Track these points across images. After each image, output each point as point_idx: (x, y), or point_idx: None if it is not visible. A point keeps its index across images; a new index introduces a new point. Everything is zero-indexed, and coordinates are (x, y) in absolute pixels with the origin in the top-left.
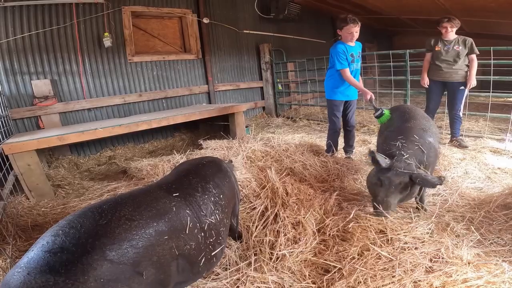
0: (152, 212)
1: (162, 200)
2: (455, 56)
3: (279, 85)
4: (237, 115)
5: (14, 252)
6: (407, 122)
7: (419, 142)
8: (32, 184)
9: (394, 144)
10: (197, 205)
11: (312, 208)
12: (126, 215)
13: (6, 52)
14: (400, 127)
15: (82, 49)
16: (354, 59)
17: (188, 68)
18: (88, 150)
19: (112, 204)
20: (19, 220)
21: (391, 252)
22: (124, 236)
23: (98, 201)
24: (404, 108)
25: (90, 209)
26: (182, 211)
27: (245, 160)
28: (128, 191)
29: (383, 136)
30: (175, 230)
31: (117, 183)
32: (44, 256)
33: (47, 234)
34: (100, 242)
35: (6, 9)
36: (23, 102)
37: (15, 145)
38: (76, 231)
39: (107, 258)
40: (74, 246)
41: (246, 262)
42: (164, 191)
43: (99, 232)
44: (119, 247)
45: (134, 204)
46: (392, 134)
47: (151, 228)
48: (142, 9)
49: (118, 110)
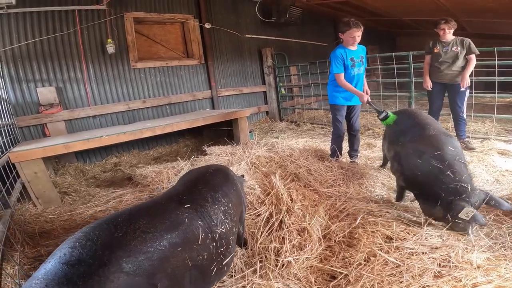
0: (166, 224)
1: (174, 212)
2: (454, 58)
3: (282, 89)
4: (240, 120)
5: (22, 259)
6: (427, 129)
7: (458, 154)
8: (39, 191)
9: (446, 173)
10: (208, 216)
11: (317, 214)
12: (140, 228)
13: (11, 59)
14: (425, 136)
15: (86, 55)
16: (354, 63)
17: (191, 73)
18: (93, 157)
19: (127, 217)
20: (27, 227)
21: (398, 258)
22: (140, 249)
23: (111, 214)
24: (410, 112)
25: (105, 221)
26: (194, 222)
27: (249, 167)
28: (141, 203)
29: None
30: (188, 241)
31: (123, 190)
32: (62, 268)
33: (64, 246)
34: (116, 255)
35: (10, 16)
36: (29, 110)
37: (21, 153)
38: (92, 244)
39: (123, 270)
40: (91, 259)
41: (251, 269)
42: (176, 203)
43: (115, 245)
44: (135, 260)
45: (148, 216)
46: (421, 146)
47: (165, 240)
48: (144, 15)
49: (123, 117)
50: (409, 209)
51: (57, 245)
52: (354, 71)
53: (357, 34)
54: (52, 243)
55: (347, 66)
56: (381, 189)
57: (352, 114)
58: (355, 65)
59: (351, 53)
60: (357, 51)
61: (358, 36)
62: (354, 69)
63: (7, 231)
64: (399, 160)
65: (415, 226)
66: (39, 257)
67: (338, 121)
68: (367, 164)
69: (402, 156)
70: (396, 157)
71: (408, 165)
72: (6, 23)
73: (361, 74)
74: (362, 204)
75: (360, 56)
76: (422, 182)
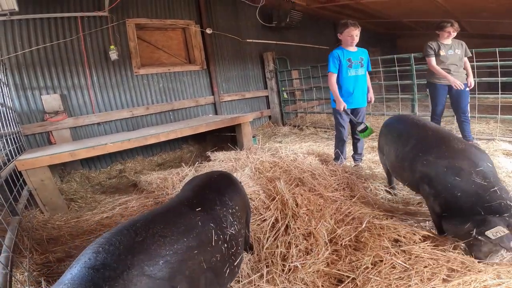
0: (182, 228)
1: (188, 216)
2: (459, 60)
3: (284, 93)
4: (243, 125)
5: (31, 265)
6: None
7: (494, 170)
8: (46, 198)
9: (491, 190)
10: (218, 218)
11: (323, 218)
12: (158, 232)
13: (16, 66)
14: (456, 151)
15: (89, 62)
16: (351, 64)
17: (194, 79)
18: (99, 164)
19: (144, 222)
20: (35, 234)
21: (405, 261)
22: (159, 252)
23: (129, 220)
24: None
25: (125, 227)
26: (207, 225)
27: (254, 172)
28: (154, 209)
29: (433, 167)
30: (202, 244)
31: (128, 197)
32: (88, 272)
33: (87, 251)
34: (138, 259)
35: (13, 23)
36: (34, 118)
37: (28, 161)
38: (115, 248)
39: (145, 273)
40: (115, 263)
41: (258, 274)
42: (187, 207)
43: (136, 249)
44: (156, 263)
45: (164, 221)
46: (456, 163)
47: (182, 243)
48: (145, 21)
49: (127, 123)
50: (416, 212)
51: (65, 251)
52: (351, 72)
53: (355, 33)
54: (60, 249)
55: (343, 66)
56: (386, 192)
57: (357, 117)
58: (352, 66)
59: (349, 54)
60: (356, 52)
61: (356, 35)
62: (351, 70)
63: (16, 238)
64: (429, 182)
65: (423, 229)
66: (47, 263)
67: (341, 125)
68: (372, 168)
69: (433, 176)
70: (425, 179)
71: (444, 186)
72: (10, 30)
73: (361, 76)
74: (368, 207)
75: (360, 58)
76: (463, 203)
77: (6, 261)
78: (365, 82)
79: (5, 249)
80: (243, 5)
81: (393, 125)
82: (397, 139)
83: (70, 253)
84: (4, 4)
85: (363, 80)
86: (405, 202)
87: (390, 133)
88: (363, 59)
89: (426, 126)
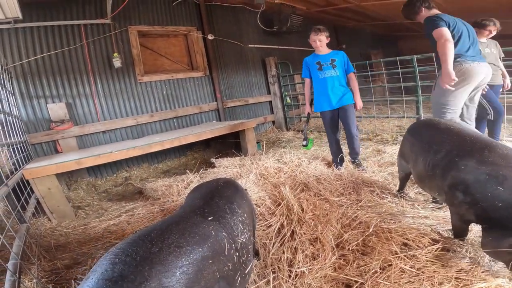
0: (196, 238)
1: (201, 225)
2: (495, 59)
3: (287, 98)
4: (247, 131)
5: (39, 272)
6: (495, 147)
7: None
8: (53, 206)
9: None
10: (229, 227)
11: (329, 223)
12: (174, 242)
13: (21, 75)
14: (501, 157)
15: (94, 70)
16: (322, 66)
17: (197, 85)
18: (104, 172)
19: (159, 232)
20: (42, 241)
21: (414, 266)
22: (176, 263)
23: (143, 230)
24: (445, 123)
25: (140, 237)
26: (219, 234)
27: (258, 178)
28: (167, 218)
29: (471, 173)
30: (216, 253)
31: (134, 204)
32: (106, 284)
33: (103, 262)
34: (156, 270)
35: (18, 31)
36: (40, 127)
37: (35, 170)
38: (132, 259)
39: (163, 285)
40: (133, 274)
41: (264, 280)
42: (200, 216)
43: (153, 260)
44: (173, 274)
45: (179, 231)
46: (500, 170)
47: (198, 253)
48: (147, 28)
49: (132, 131)
50: (424, 215)
51: (72, 258)
52: (321, 74)
53: (316, 38)
54: (67, 256)
55: (313, 70)
56: (393, 196)
57: (344, 117)
58: (323, 68)
59: (318, 57)
60: (326, 55)
61: (320, 40)
62: (321, 72)
63: (24, 245)
64: (465, 189)
65: (434, 233)
66: (55, 270)
67: (327, 128)
68: (377, 171)
69: (471, 183)
70: (460, 186)
71: (484, 194)
72: (15, 38)
73: (335, 77)
74: (375, 211)
75: (330, 60)
76: (504, 215)
77: (14, 268)
78: (341, 82)
79: (13, 256)
80: (243, 11)
81: (421, 130)
82: (427, 146)
83: (78, 260)
84: (8, 12)
85: (339, 80)
86: (413, 205)
87: (418, 140)
88: (335, 60)
89: (463, 130)
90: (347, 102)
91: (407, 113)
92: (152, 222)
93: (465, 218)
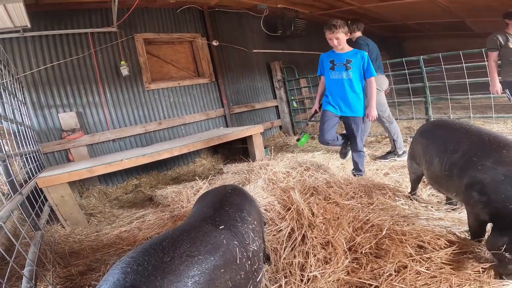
0: (208, 247)
1: (212, 234)
2: None
3: (293, 103)
4: (255, 137)
5: (54, 278)
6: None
7: None
8: (67, 213)
9: None
10: (241, 235)
11: (341, 226)
12: (186, 252)
13: (32, 84)
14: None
15: (102, 79)
16: (334, 66)
17: (203, 92)
18: (115, 180)
19: (171, 241)
20: (57, 248)
21: (430, 268)
22: (188, 273)
23: (154, 238)
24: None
25: (151, 246)
26: (231, 242)
27: (267, 183)
28: (178, 227)
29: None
30: (228, 262)
31: (145, 210)
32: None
33: (115, 272)
34: (168, 280)
35: (27, 40)
36: (52, 136)
37: (48, 178)
38: (144, 269)
39: None
40: (145, 284)
41: (276, 285)
42: (211, 225)
43: (165, 269)
44: (185, 284)
45: (190, 240)
46: None
47: (210, 262)
48: (153, 35)
49: (140, 139)
50: (439, 217)
51: (86, 265)
52: (333, 75)
53: (333, 37)
54: (81, 262)
55: (326, 68)
56: (406, 198)
57: (350, 129)
58: (335, 69)
59: (334, 55)
60: (342, 54)
61: (337, 38)
62: (333, 72)
63: (39, 252)
64: (481, 189)
65: (450, 235)
66: (70, 276)
67: (321, 127)
68: (388, 174)
69: (488, 183)
70: (476, 186)
71: (499, 195)
72: (24, 47)
73: (346, 80)
74: (387, 214)
75: (345, 60)
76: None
77: (30, 275)
78: (351, 88)
79: (29, 263)
80: (247, 16)
81: (434, 132)
82: (443, 146)
83: (92, 266)
84: (16, 21)
85: (350, 84)
86: (426, 207)
87: (432, 141)
88: (350, 61)
89: (480, 130)
90: (355, 114)
91: (416, 114)
92: (162, 228)
93: (480, 218)
